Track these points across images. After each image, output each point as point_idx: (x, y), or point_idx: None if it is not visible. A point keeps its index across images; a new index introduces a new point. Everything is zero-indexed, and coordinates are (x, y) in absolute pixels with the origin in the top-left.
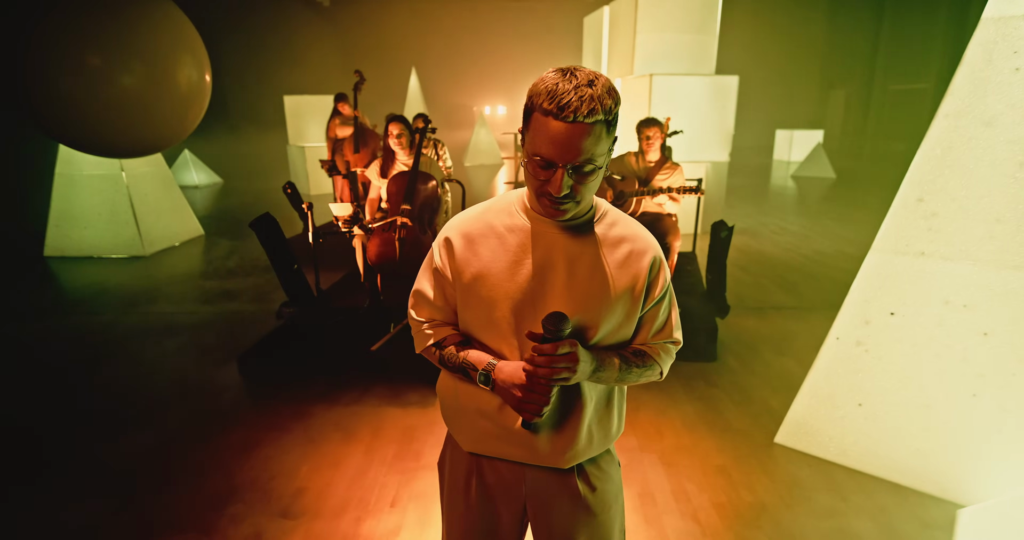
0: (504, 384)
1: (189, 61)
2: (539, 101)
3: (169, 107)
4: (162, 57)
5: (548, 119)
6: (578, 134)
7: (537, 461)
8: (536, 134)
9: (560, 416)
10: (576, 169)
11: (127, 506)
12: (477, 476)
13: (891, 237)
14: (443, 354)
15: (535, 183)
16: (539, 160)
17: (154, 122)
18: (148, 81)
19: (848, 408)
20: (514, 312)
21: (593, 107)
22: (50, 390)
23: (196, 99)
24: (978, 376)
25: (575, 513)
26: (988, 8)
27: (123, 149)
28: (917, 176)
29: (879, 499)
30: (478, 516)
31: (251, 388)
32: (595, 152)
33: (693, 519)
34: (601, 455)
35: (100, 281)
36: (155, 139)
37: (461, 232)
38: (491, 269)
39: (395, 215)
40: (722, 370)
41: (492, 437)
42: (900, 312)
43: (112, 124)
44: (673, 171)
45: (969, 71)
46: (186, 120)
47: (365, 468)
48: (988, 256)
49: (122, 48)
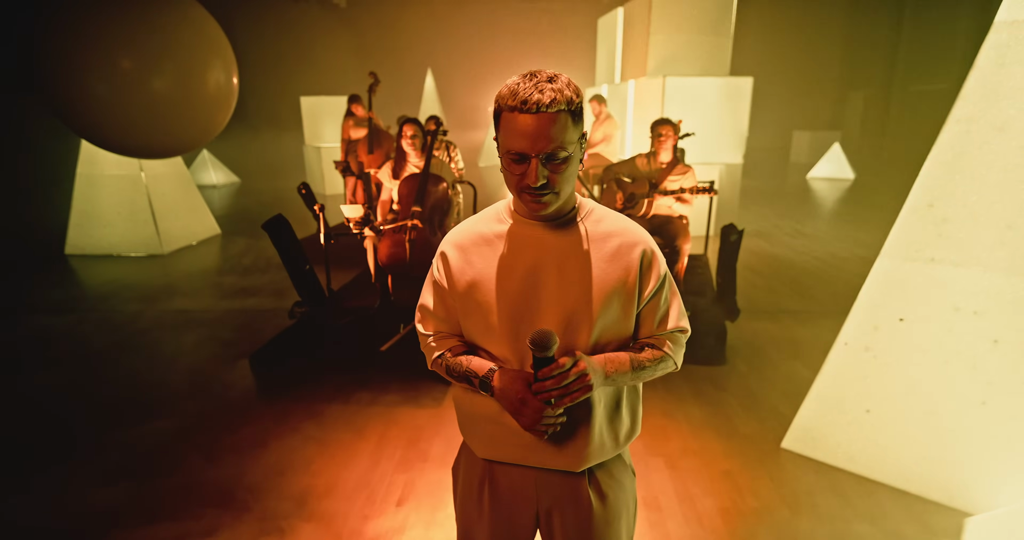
0: (502, 392)
1: (219, 64)
2: (504, 101)
3: (200, 109)
4: (193, 60)
5: (515, 114)
6: (545, 123)
7: (547, 464)
8: (506, 132)
9: (568, 418)
10: (549, 158)
11: (140, 493)
12: (490, 482)
13: (901, 243)
14: (449, 364)
15: (514, 180)
16: (513, 155)
17: (185, 124)
18: (179, 84)
19: (856, 414)
20: (510, 315)
21: (555, 97)
22: (73, 380)
23: (225, 101)
24: (988, 383)
25: (583, 521)
26: (1001, 12)
27: (155, 150)
28: (928, 181)
29: (885, 506)
30: (492, 522)
31: (263, 385)
32: (564, 140)
33: (697, 523)
34: (614, 463)
35: (119, 278)
36: (186, 140)
37: (455, 244)
38: (484, 275)
39: (406, 217)
40: (731, 374)
41: (503, 441)
42: (909, 318)
43: (145, 126)
44: (684, 173)
45: (981, 75)
46: (215, 121)
47: (373, 466)
48: (999, 262)
49: (155, 51)
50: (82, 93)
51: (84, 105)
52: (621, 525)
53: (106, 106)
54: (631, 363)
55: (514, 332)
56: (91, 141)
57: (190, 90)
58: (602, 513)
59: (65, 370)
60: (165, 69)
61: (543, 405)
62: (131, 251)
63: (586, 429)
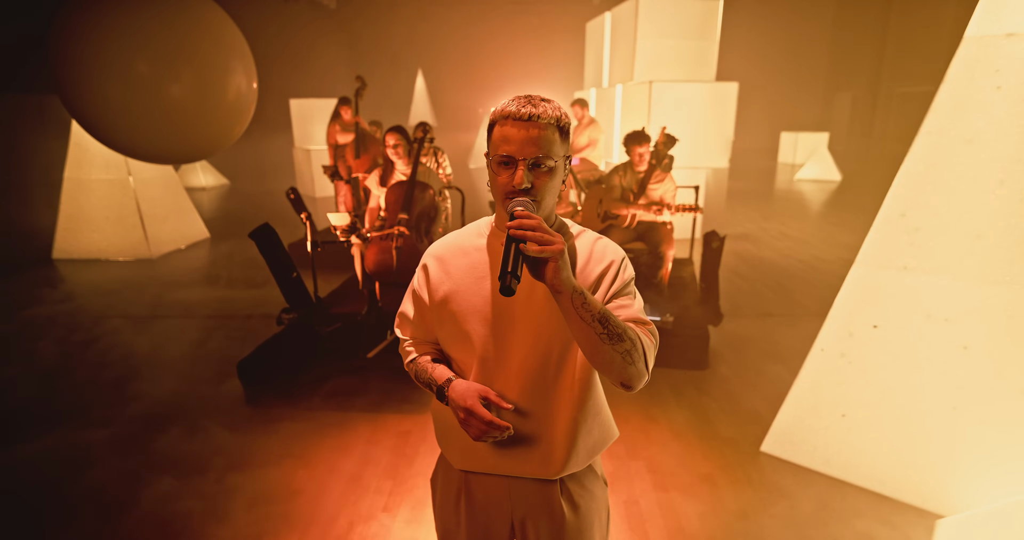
0: (452, 402)
1: (239, 68)
2: (499, 115)
3: (220, 114)
4: (213, 65)
5: (506, 124)
6: (533, 131)
7: (519, 472)
8: (497, 139)
9: (538, 425)
10: (534, 165)
11: (118, 511)
12: (466, 493)
13: (875, 251)
14: (417, 369)
15: (500, 185)
16: (501, 157)
17: (204, 129)
18: (199, 89)
19: (832, 418)
20: (481, 324)
21: (544, 110)
22: (57, 386)
23: (245, 106)
24: (958, 389)
25: (556, 530)
26: (970, 27)
27: (173, 155)
28: (900, 191)
29: (860, 508)
30: (468, 532)
31: (250, 391)
32: (550, 151)
33: (677, 527)
34: (585, 473)
35: (107, 283)
36: (205, 145)
37: (435, 255)
38: (460, 286)
39: (393, 224)
40: (713, 377)
41: (477, 451)
42: (883, 325)
43: (164, 131)
44: (663, 179)
45: (951, 89)
46: (235, 127)
47: (359, 473)
48: (969, 271)
49: (174, 55)
50: (98, 97)
51: (102, 109)
52: (594, 534)
53: (123, 110)
54: (600, 302)
55: (484, 341)
56: (109, 146)
57: (209, 96)
58: (575, 522)
59: (48, 375)
60: (184, 74)
61: (489, 417)
62: (119, 255)
63: (556, 437)
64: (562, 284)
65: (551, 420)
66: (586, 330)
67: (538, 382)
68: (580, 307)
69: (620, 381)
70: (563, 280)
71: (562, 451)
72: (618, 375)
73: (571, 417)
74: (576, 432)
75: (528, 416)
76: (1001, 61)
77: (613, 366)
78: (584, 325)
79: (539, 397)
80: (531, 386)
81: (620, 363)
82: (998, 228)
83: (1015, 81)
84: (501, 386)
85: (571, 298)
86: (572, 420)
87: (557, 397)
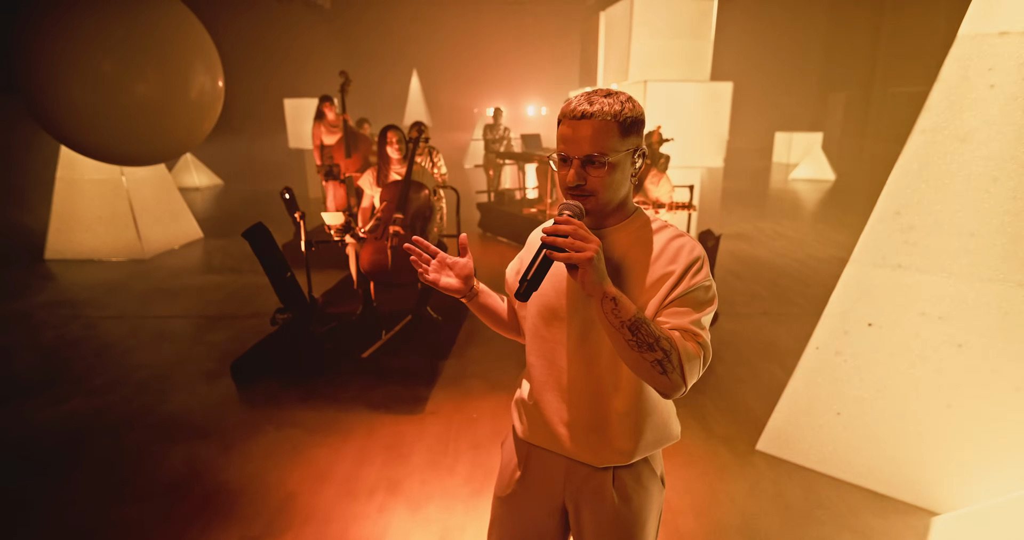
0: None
1: (202, 67)
2: (562, 112)
3: (184, 114)
4: (177, 64)
5: (564, 122)
6: (586, 129)
7: (571, 454)
8: (558, 138)
9: (591, 414)
10: (585, 161)
11: (112, 506)
12: (525, 464)
13: (869, 249)
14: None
15: (561, 182)
16: (559, 156)
17: (169, 130)
18: (163, 88)
19: (827, 417)
20: (547, 307)
21: (601, 108)
22: (50, 388)
23: (211, 105)
24: (952, 387)
25: (607, 520)
26: (964, 26)
27: (135, 157)
28: (894, 190)
29: (856, 506)
30: (518, 502)
31: (244, 393)
32: (605, 147)
33: (672, 526)
34: (642, 468)
35: (100, 283)
36: (171, 146)
37: (530, 238)
38: None
39: (387, 223)
40: (708, 376)
41: (538, 426)
42: (877, 323)
43: (127, 132)
44: (659, 179)
45: (945, 87)
46: (201, 127)
47: (355, 473)
48: (962, 269)
49: (138, 55)
50: (61, 97)
51: (63, 110)
52: (647, 532)
53: (85, 111)
54: (636, 310)
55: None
56: (70, 147)
57: (174, 95)
58: (627, 515)
59: (42, 376)
60: (148, 73)
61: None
62: (112, 256)
63: (604, 429)
64: (591, 289)
65: (603, 411)
66: (615, 335)
67: (592, 372)
68: (610, 312)
69: (653, 387)
70: (591, 285)
71: (608, 443)
72: (650, 382)
73: (619, 411)
74: (623, 426)
75: (584, 403)
76: (994, 59)
77: (643, 372)
78: (613, 330)
79: (592, 387)
80: (583, 375)
81: (649, 370)
82: (992, 226)
83: (1008, 79)
84: (560, 368)
85: (601, 303)
86: (620, 414)
87: (608, 390)
